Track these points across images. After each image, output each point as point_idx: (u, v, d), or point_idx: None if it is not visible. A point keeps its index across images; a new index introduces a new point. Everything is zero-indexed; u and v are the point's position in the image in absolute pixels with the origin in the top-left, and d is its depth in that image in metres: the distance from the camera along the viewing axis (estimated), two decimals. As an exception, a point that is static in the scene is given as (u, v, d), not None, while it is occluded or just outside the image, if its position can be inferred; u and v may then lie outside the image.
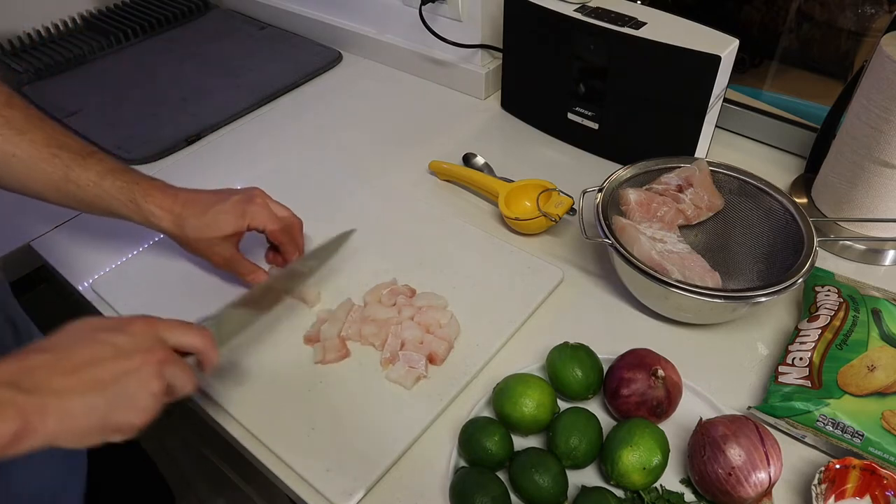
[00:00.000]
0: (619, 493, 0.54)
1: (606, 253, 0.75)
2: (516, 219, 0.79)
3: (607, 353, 0.62)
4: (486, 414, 0.60)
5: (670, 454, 0.55)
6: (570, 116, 0.93)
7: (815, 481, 0.52)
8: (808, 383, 0.58)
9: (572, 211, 0.77)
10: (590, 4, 0.85)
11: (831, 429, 0.55)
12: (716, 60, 0.75)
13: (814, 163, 0.83)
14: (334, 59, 1.20)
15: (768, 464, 0.51)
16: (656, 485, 0.55)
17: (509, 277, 0.73)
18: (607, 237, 0.66)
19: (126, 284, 0.76)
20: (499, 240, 0.79)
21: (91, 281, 0.77)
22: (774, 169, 0.88)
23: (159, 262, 0.78)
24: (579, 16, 0.84)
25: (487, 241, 0.79)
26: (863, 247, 0.75)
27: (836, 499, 0.52)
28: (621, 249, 0.65)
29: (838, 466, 0.53)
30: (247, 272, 0.71)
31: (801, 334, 0.63)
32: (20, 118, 0.64)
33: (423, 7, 1.02)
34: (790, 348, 0.62)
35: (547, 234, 0.81)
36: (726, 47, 0.76)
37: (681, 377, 0.59)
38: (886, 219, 0.73)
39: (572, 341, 0.63)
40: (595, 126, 0.91)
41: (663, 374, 0.57)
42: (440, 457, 0.58)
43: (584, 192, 0.72)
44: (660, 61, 0.79)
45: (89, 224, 0.83)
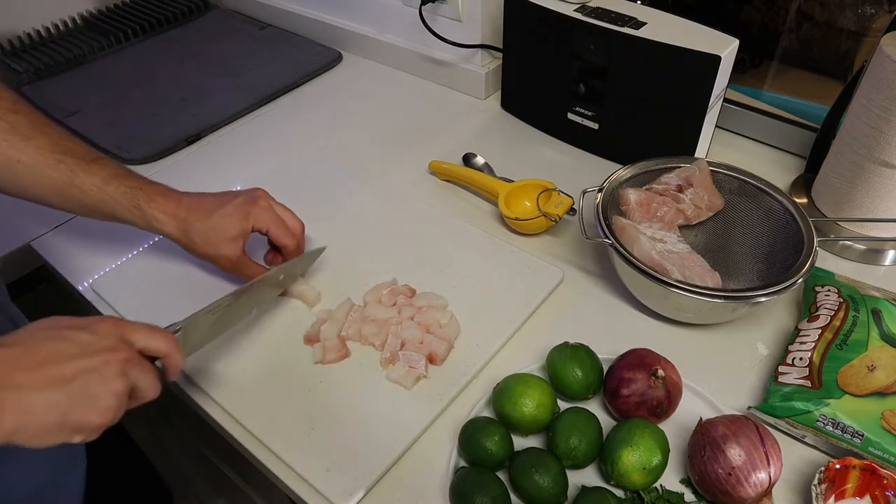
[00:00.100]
0: (619, 493, 0.54)
1: (606, 253, 0.75)
2: (516, 219, 0.79)
3: (607, 353, 0.62)
4: (486, 414, 0.60)
5: (670, 454, 0.55)
6: (570, 116, 0.93)
7: (815, 481, 0.52)
8: (808, 383, 0.58)
9: (572, 211, 0.77)
10: (590, 4, 0.85)
11: (831, 429, 0.55)
12: (716, 60, 0.75)
13: (814, 163, 0.83)
14: (334, 59, 1.20)
15: (768, 464, 0.51)
16: (656, 485, 0.55)
17: (509, 277, 0.73)
18: (607, 237, 0.66)
19: (126, 284, 0.76)
20: (499, 240, 0.79)
21: (91, 281, 0.77)
22: (774, 169, 0.88)
23: (159, 262, 0.78)
24: (579, 16, 0.84)
25: (487, 241, 0.79)
26: (863, 247, 0.75)
27: (836, 499, 0.52)
28: (621, 249, 0.65)
29: (838, 466, 0.53)
30: (253, 275, 0.70)
31: (801, 334, 0.63)
32: (25, 123, 0.64)
33: (423, 7, 1.01)
34: (790, 348, 0.62)
35: (547, 234, 0.81)
36: (726, 47, 0.76)
37: (681, 377, 0.59)
38: (886, 219, 0.73)
39: (572, 341, 0.63)
40: (595, 126, 0.91)
41: (663, 374, 0.57)
42: (440, 457, 0.58)
43: (584, 192, 0.72)
44: (660, 61, 0.79)
45: (89, 224, 0.83)
